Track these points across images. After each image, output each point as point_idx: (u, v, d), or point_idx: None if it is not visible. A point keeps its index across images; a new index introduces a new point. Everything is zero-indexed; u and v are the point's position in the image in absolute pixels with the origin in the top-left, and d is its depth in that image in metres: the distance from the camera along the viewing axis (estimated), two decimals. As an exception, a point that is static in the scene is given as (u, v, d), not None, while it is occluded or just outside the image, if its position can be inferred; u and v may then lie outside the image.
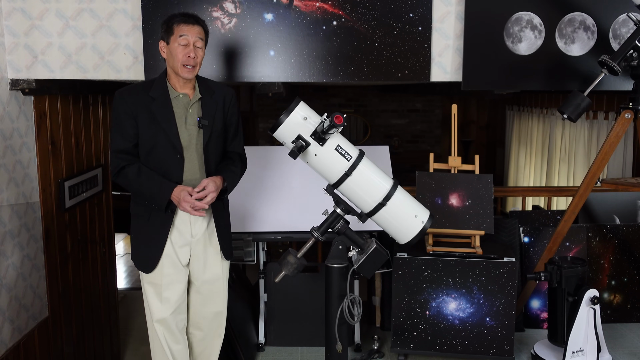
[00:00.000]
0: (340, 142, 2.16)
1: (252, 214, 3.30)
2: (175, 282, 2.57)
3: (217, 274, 2.67)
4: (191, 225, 2.57)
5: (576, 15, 3.15)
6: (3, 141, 3.03)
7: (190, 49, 2.45)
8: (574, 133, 6.16)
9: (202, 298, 2.68)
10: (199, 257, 2.62)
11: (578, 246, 3.57)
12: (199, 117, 2.52)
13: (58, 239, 3.50)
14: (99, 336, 4.13)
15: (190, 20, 2.48)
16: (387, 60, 3.17)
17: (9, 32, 3.11)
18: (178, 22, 2.47)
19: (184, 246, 2.58)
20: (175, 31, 2.46)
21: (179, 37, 2.45)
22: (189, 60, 2.45)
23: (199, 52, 2.49)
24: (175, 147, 2.48)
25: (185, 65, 2.45)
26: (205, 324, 2.73)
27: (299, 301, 3.40)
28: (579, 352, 2.80)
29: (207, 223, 2.61)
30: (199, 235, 2.59)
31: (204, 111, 2.54)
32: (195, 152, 2.53)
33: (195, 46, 2.47)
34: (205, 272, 2.64)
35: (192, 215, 2.45)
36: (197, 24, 2.50)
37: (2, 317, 3.01)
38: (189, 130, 2.51)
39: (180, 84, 2.52)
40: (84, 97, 3.79)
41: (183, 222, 2.56)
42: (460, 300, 3.01)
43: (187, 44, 2.45)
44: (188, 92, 2.53)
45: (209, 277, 2.65)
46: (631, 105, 2.90)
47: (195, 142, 2.53)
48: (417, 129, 9.34)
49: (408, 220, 2.25)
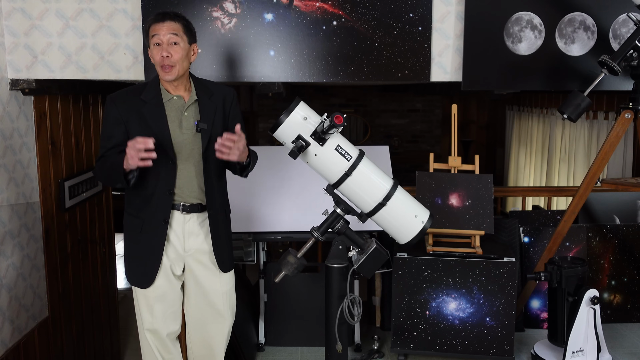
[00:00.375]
0: (340, 142, 2.16)
1: (252, 214, 3.30)
2: (167, 293, 2.48)
3: (215, 289, 2.52)
4: (184, 239, 2.45)
5: (576, 15, 3.15)
6: (3, 141, 3.03)
7: (163, 48, 2.29)
8: (574, 133, 6.16)
9: (198, 312, 2.55)
10: (193, 271, 2.49)
11: (578, 246, 3.57)
12: (196, 121, 2.36)
13: (58, 239, 3.50)
14: (99, 336, 4.13)
15: (159, 18, 2.31)
16: (387, 60, 3.17)
17: (9, 32, 3.11)
18: (150, 22, 2.34)
19: (178, 260, 2.47)
20: (150, 32, 2.33)
21: (152, 38, 2.32)
22: (164, 60, 2.29)
23: (174, 50, 2.30)
24: (167, 153, 2.34)
25: (162, 66, 2.30)
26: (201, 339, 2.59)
27: (299, 301, 3.40)
28: (579, 352, 2.80)
29: (204, 237, 2.48)
30: (192, 250, 2.47)
31: (201, 114, 2.39)
32: (191, 158, 2.39)
33: (170, 43, 2.30)
34: (199, 287, 2.51)
35: (139, 165, 2.16)
36: (169, 19, 2.31)
37: (2, 317, 3.01)
38: (185, 134, 2.37)
39: (172, 87, 2.38)
40: (84, 97, 3.79)
41: (176, 237, 2.44)
42: (460, 300, 3.01)
43: (160, 42, 2.30)
44: (182, 94, 2.40)
45: (205, 292, 2.52)
46: (631, 105, 2.90)
47: (191, 147, 2.38)
48: (417, 129, 9.34)
49: (408, 220, 2.25)
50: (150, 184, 2.38)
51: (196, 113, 2.41)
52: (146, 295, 2.47)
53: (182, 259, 2.49)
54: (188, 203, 2.42)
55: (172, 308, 2.52)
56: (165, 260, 2.45)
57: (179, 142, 2.37)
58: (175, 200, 2.42)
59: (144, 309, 2.49)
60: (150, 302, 2.47)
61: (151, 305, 2.47)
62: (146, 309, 2.48)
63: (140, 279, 2.46)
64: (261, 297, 3.41)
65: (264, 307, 3.42)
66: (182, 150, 2.38)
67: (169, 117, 2.37)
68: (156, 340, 2.52)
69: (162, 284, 2.46)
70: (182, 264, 2.50)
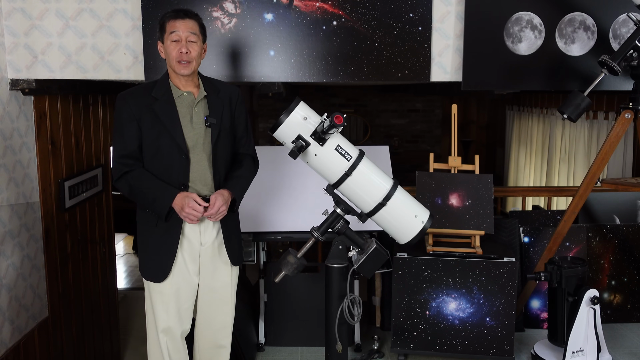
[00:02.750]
0: (340, 142, 2.16)
1: (252, 214, 3.30)
2: (182, 289, 2.51)
3: (226, 282, 2.59)
4: (201, 234, 2.50)
5: (576, 15, 3.15)
6: (3, 141, 3.03)
7: (183, 44, 2.38)
8: (574, 133, 6.16)
9: (208, 306, 2.60)
10: (207, 265, 2.54)
11: (578, 246, 3.57)
12: (206, 116, 2.44)
13: (58, 239, 3.50)
14: (99, 336, 4.13)
15: (180, 15, 2.39)
16: (387, 60, 3.17)
17: (9, 32, 3.11)
18: (169, 18, 2.40)
19: (193, 254, 2.50)
20: (167, 28, 2.39)
21: (170, 34, 2.38)
22: (182, 56, 2.37)
23: (192, 47, 2.40)
24: (181, 148, 2.40)
25: (180, 61, 2.38)
26: (210, 334, 2.64)
27: (299, 301, 3.40)
28: (579, 352, 2.80)
29: (217, 231, 2.53)
30: (208, 243, 2.52)
31: (210, 109, 2.46)
32: (203, 152, 2.45)
33: (189, 41, 2.39)
34: (213, 280, 2.56)
35: (192, 223, 2.38)
36: (188, 17, 2.40)
37: (2, 317, 3.01)
38: (196, 129, 2.44)
39: (182, 83, 2.45)
40: (84, 97, 3.79)
41: (192, 231, 2.48)
42: (460, 300, 3.01)
43: (179, 39, 2.38)
44: (192, 90, 2.47)
45: (217, 285, 2.57)
46: (631, 105, 2.90)
47: (202, 141, 2.44)
48: (417, 129, 9.34)
49: (408, 220, 2.25)
50: (164, 179, 2.42)
51: (205, 108, 2.48)
52: (162, 292, 2.49)
53: (197, 253, 2.52)
54: (202, 196, 2.45)
55: (186, 304, 2.54)
56: (180, 256, 2.48)
57: (191, 137, 2.43)
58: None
59: (158, 307, 2.50)
60: (166, 298, 2.49)
61: (167, 302, 2.49)
62: (161, 306, 2.50)
63: (155, 273, 2.48)
64: (261, 297, 3.42)
65: (264, 307, 3.42)
66: (194, 145, 2.44)
67: (180, 112, 2.43)
68: (169, 340, 2.53)
69: (177, 280, 2.49)
70: (197, 258, 2.53)
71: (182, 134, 2.41)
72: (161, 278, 2.47)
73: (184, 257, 2.49)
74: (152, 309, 2.52)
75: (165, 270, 2.46)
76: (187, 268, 2.50)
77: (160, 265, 2.47)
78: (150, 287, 2.51)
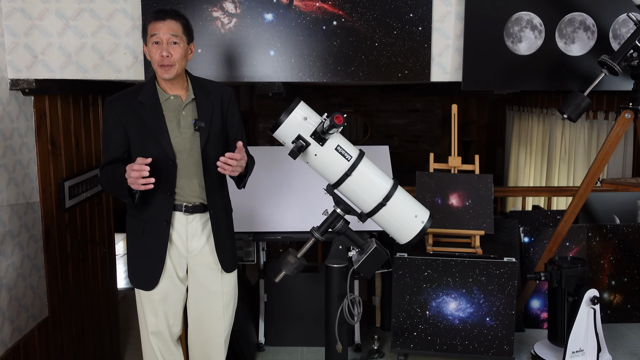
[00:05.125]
0: (340, 142, 2.16)
1: (252, 214, 3.30)
2: (171, 295, 2.47)
3: (216, 291, 2.50)
4: (187, 241, 2.44)
5: (576, 15, 3.15)
6: (3, 141, 3.03)
7: (163, 47, 2.27)
8: (574, 133, 6.16)
9: (199, 315, 2.53)
10: (195, 272, 2.48)
11: (578, 246, 3.57)
12: (194, 120, 2.35)
13: (58, 239, 3.50)
14: (99, 336, 4.13)
15: (160, 16, 2.29)
16: (387, 60, 3.17)
17: (9, 32, 3.11)
18: (150, 20, 2.30)
19: (181, 260, 2.46)
20: (149, 30, 2.30)
21: (151, 37, 2.29)
22: (163, 59, 2.28)
23: (174, 50, 2.29)
24: (167, 154, 2.32)
25: (161, 65, 2.29)
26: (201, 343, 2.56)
27: (299, 301, 3.40)
28: (579, 352, 2.80)
29: (206, 238, 2.46)
30: (195, 251, 2.45)
31: (199, 112, 2.37)
32: (191, 157, 2.37)
33: (170, 43, 2.28)
34: (201, 289, 2.49)
35: (140, 189, 2.18)
36: (170, 18, 2.29)
37: (2, 317, 3.01)
38: (183, 134, 2.36)
39: (169, 86, 2.37)
40: (84, 97, 3.79)
41: (179, 238, 2.43)
42: (460, 300, 3.01)
43: (159, 41, 2.28)
44: (180, 93, 2.38)
45: (206, 295, 2.50)
46: (631, 105, 2.90)
47: (190, 146, 2.37)
48: (417, 129, 9.35)
49: (408, 220, 2.25)
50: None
51: (194, 112, 2.39)
52: (150, 298, 2.46)
53: (185, 260, 2.47)
54: (190, 203, 2.41)
55: (174, 309, 2.51)
56: (169, 262, 2.44)
57: (178, 142, 2.36)
58: (177, 201, 2.41)
59: (148, 312, 2.48)
60: (155, 304, 2.46)
61: (155, 307, 2.46)
62: (150, 311, 2.47)
63: (144, 282, 2.45)
64: (261, 297, 3.42)
65: (264, 307, 3.42)
66: (181, 150, 2.36)
67: (166, 117, 2.36)
68: (160, 343, 2.51)
69: (165, 285, 2.45)
70: (185, 265, 2.48)
71: (168, 140, 2.33)
72: (150, 287, 2.43)
73: (173, 265, 2.45)
74: (142, 312, 2.51)
75: (154, 280, 2.42)
76: (176, 275, 2.47)
77: (148, 274, 2.42)
78: (140, 292, 2.49)
